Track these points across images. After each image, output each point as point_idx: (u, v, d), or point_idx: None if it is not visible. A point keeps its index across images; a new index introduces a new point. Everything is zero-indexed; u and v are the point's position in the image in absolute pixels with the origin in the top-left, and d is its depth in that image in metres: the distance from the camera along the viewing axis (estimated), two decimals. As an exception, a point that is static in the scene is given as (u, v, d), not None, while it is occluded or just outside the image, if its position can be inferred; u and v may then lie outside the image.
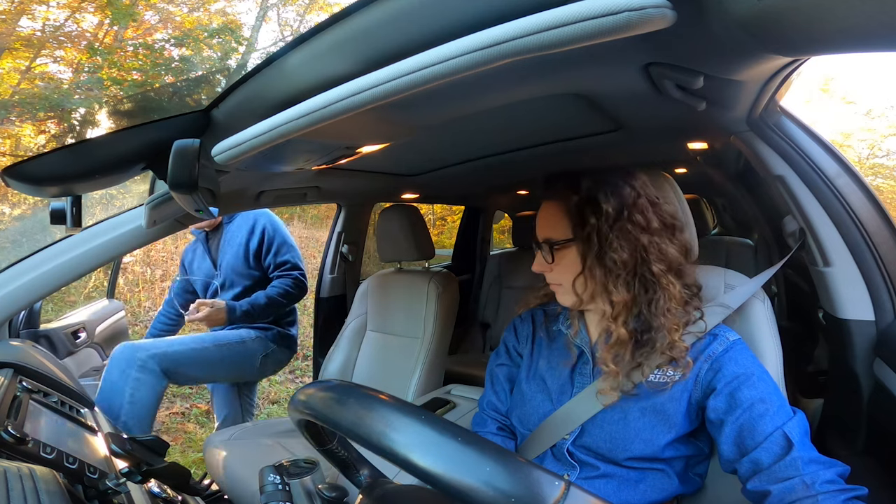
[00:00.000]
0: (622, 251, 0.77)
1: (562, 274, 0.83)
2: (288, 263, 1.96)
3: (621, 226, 0.77)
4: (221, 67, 7.44)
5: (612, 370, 0.77)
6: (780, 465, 0.65)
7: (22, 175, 0.78)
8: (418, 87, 0.46)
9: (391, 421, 0.39)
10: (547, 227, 0.84)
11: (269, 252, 1.94)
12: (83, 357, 2.11)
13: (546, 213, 0.84)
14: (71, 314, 2.26)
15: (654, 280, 0.77)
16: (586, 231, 0.78)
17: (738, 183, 1.77)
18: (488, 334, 2.80)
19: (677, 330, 0.76)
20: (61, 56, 6.77)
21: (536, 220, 0.86)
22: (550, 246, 0.82)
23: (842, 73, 8.69)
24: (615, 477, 0.79)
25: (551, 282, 0.85)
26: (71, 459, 0.71)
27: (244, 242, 1.92)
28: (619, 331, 0.77)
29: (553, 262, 0.83)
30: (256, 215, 1.97)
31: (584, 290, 0.82)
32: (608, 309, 0.80)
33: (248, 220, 1.96)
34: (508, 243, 3.63)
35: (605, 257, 0.77)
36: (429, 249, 1.75)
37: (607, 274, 0.78)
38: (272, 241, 1.94)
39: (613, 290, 0.78)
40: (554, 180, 0.85)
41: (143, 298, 4.77)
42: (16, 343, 1.15)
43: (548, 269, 0.84)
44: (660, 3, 0.35)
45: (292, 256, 1.98)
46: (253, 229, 1.94)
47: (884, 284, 0.88)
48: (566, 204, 0.81)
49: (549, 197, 0.85)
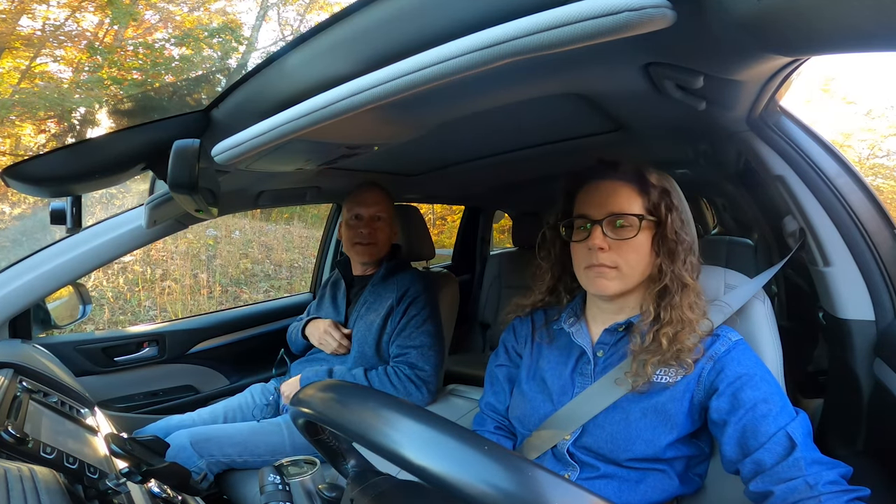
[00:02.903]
0: (687, 238, 0.80)
1: (626, 253, 0.79)
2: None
3: (683, 216, 0.82)
4: (221, 67, 7.44)
5: (668, 350, 0.75)
6: (783, 466, 0.65)
7: (22, 175, 0.78)
8: (418, 87, 0.46)
9: (392, 421, 0.39)
10: (616, 203, 0.80)
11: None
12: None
13: (609, 189, 0.81)
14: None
15: (696, 273, 0.82)
16: (665, 214, 0.79)
17: (738, 183, 1.77)
18: (488, 334, 2.80)
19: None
20: (61, 55, 6.78)
21: (586, 197, 0.83)
22: (616, 221, 0.79)
23: (842, 73, 8.70)
24: (615, 477, 0.79)
25: (606, 262, 0.79)
26: (71, 459, 0.71)
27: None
28: (687, 313, 0.77)
29: (619, 238, 0.79)
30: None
31: (639, 275, 0.81)
32: (645, 298, 0.82)
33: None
34: (508, 243, 3.63)
35: (678, 242, 0.79)
36: (429, 249, 1.75)
37: (677, 258, 0.79)
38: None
39: (685, 274, 0.79)
40: (617, 163, 0.84)
41: (143, 298, 4.77)
42: (16, 343, 1.15)
43: (607, 248, 0.79)
44: (660, 3, 0.35)
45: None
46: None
47: (884, 284, 0.88)
48: (639, 185, 0.81)
49: (613, 177, 0.82)
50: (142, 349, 1.60)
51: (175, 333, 1.68)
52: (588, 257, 0.80)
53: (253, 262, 6.01)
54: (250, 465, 1.24)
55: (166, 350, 1.64)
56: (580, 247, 0.82)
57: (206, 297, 5.12)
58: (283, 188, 1.43)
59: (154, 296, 4.84)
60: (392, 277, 1.44)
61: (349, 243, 1.43)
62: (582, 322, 0.88)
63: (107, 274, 4.77)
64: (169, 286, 5.00)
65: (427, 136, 0.90)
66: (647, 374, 0.75)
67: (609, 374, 0.81)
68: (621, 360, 0.81)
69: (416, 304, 1.38)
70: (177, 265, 5.34)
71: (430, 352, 1.35)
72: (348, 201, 1.45)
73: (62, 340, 1.45)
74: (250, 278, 5.69)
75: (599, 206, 0.80)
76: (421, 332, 1.35)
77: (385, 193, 1.47)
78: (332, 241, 2.16)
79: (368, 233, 1.40)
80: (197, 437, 1.22)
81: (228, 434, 1.26)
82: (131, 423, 1.44)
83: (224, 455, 1.22)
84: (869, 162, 8.31)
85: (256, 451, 1.25)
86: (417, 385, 1.30)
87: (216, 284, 5.35)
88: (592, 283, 0.81)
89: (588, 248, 0.80)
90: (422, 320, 1.37)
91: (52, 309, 1.29)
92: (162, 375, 1.64)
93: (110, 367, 1.52)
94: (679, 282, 0.78)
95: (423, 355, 1.33)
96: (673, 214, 0.80)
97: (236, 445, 1.24)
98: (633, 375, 0.77)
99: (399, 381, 1.30)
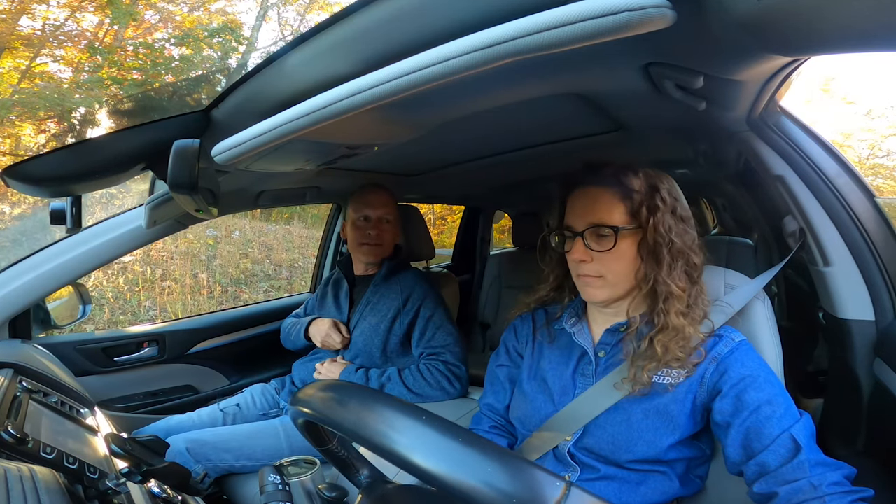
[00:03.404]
0: (677, 240, 0.77)
1: (609, 263, 0.78)
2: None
3: (675, 216, 0.78)
4: (221, 67, 7.44)
5: (665, 358, 0.74)
6: (788, 468, 0.65)
7: (22, 175, 0.78)
8: (418, 87, 0.46)
9: (392, 421, 0.39)
10: (595, 212, 0.78)
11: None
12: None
13: (591, 198, 0.79)
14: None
15: (697, 273, 0.79)
16: (648, 218, 0.76)
17: (738, 183, 1.77)
18: (488, 334, 2.80)
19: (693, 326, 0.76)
20: (61, 55, 6.78)
21: (572, 205, 0.82)
22: (599, 232, 0.77)
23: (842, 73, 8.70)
24: (616, 479, 0.78)
25: (590, 273, 0.79)
26: (71, 459, 0.71)
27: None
28: (675, 320, 0.75)
29: (599, 250, 0.78)
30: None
31: (627, 282, 0.79)
32: (639, 301, 0.80)
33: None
34: (508, 243, 3.63)
35: (665, 247, 0.76)
36: (429, 249, 1.75)
37: (662, 264, 0.76)
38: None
39: (670, 282, 0.76)
40: (600, 167, 0.81)
41: (143, 298, 4.77)
42: (16, 343, 1.15)
43: (589, 259, 0.78)
44: (660, 3, 0.35)
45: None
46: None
47: (884, 284, 0.88)
48: (621, 190, 0.78)
49: (596, 183, 0.80)
50: (142, 349, 1.60)
51: (175, 333, 1.67)
52: (575, 267, 0.82)
53: (253, 262, 6.01)
54: (249, 470, 1.24)
55: (166, 350, 1.64)
56: (569, 256, 0.83)
57: (206, 297, 5.12)
58: (283, 188, 1.43)
59: (154, 296, 4.84)
60: (393, 277, 1.45)
61: (355, 243, 1.44)
62: (583, 322, 0.88)
63: (107, 274, 4.77)
64: (169, 286, 5.00)
65: (427, 136, 0.90)
66: (644, 380, 0.75)
67: (610, 375, 0.80)
68: (623, 362, 0.80)
69: (426, 305, 1.40)
70: (177, 265, 5.34)
71: (457, 347, 1.38)
72: (355, 202, 1.46)
73: (62, 340, 1.45)
74: (250, 278, 5.69)
75: (582, 216, 0.80)
76: (443, 332, 1.38)
77: (391, 195, 1.48)
78: (332, 241, 2.16)
79: (376, 234, 1.42)
80: (193, 442, 1.22)
81: (225, 439, 1.26)
82: (131, 423, 1.44)
83: (222, 461, 1.22)
84: (869, 162, 8.32)
85: (254, 454, 1.25)
86: (451, 380, 1.33)
87: (216, 284, 5.35)
88: (583, 292, 0.83)
89: (573, 260, 0.81)
90: (440, 320, 1.40)
91: (52, 309, 1.29)
92: (162, 375, 1.64)
93: (110, 367, 1.51)
94: (665, 289, 0.76)
95: (453, 352, 1.36)
96: (657, 217, 0.76)
97: (233, 450, 1.24)
98: (630, 381, 0.76)
99: (433, 377, 1.32)
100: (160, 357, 1.63)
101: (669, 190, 0.80)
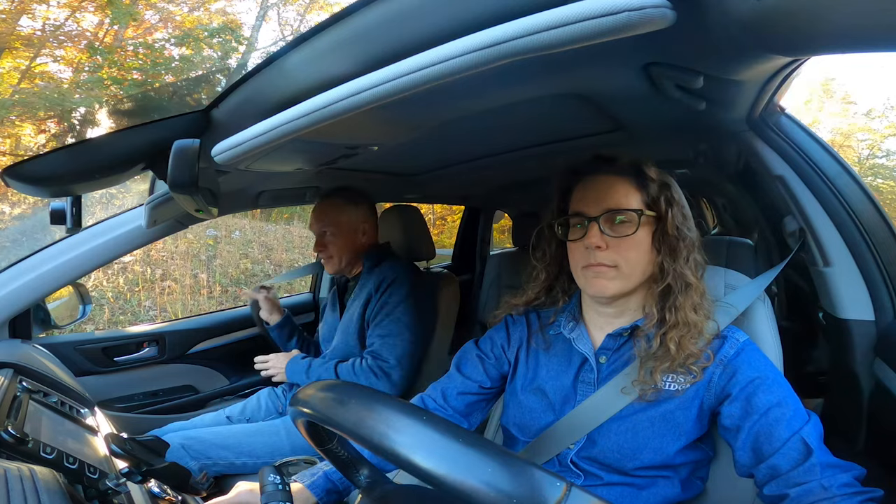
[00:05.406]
0: (691, 233, 0.76)
1: (625, 251, 0.75)
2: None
3: (683, 213, 0.78)
4: (221, 67, 7.44)
5: (676, 354, 0.72)
6: (799, 471, 0.64)
7: (22, 175, 0.78)
8: (418, 87, 0.46)
9: (392, 421, 0.39)
10: (613, 197, 0.76)
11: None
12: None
13: (607, 184, 0.77)
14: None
15: (701, 271, 0.78)
16: (666, 208, 0.75)
17: (738, 183, 1.77)
18: (488, 334, 2.80)
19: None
20: (61, 55, 6.78)
21: (582, 193, 0.79)
22: (615, 217, 0.75)
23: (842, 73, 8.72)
24: (619, 485, 0.77)
25: (604, 262, 0.75)
26: (71, 459, 0.71)
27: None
28: (690, 315, 0.73)
29: (617, 235, 0.75)
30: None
31: (640, 274, 0.76)
32: (645, 300, 0.79)
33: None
34: (508, 243, 3.62)
35: (680, 238, 0.75)
36: (429, 249, 1.75)
37: (679, 254, 0.75)
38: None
39: (688, 272, 0.74)
40: (612, 158, 0.80)
41: (143, 298, 4.77)
42: (16, 343, 1.15)
43: (605, 246, 0.75)
44: (660, 3, 0.35)
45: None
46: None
47: (884, 284, 0.88)
48: (637, 179, 0.77)
49: (610, 171, 0.79)
50: (142, 349, 1.60)
51: (175, 333, 1.68)
52: (585, 257, 0.77)
53: (253, 262, 6.01)
54: (250, 469, 1.23)
55: (166, 350, 1.64)
56: (577, 246, 0.79)
57: (206, 297, 5.12)
58: (283, 188, 1.43)
59: (154, 296, 4.84)
60: (375, 269, 1.43)
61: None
62: (582, 326, 0.84)
63: (107, 274, 4.77)
64: (169, 286, 5.00)
65: (427, 136, 0.90)
66: (655, 381, 0.73)
67: (614, 381, 0.78)
68: (626, 366, 0.78)
69: (389, 291, 1.35)
70: (177, 265, 5.34)
71: (394, 340, 1.30)
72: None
73: (62, 340, 1.45)
74: (250, 278, 5.69)
75: (596, 202, 0.76)
76: (389, 320, 1.32)
77: (330, 204, 1.44)
78: (332, 241, 2.16)
79: (320, 249, 1.43)
80: (192, 440, 1.22)
81: (224, 436, 1.25)
82: (131, 424, 1.44)
83: (221, 458, 1.21)
84: (869, 162, 8.32)
85: (254, 451, 1.24)
86: (378, 375, 1.26)
87: (216, 284, 5.35)
88: (590, 284, 0.77)
89: (585, 247, 0.76)
90: (392, 308, 1.33)
91: (52, 309, 1.29)
92: (162, 375, 1.64)
93: (110, 367, 1.52)
94: (682, 281, 0.75)
95: (386, 345, 1.29)
96: (674, 209, 0.76)
97: (232, 447, 1.23)
98: (640, 383, 0.74)
99: (362, 372, 1.27)
100: (160, 357, 1.63)
101: (676, 188, 0.81)
